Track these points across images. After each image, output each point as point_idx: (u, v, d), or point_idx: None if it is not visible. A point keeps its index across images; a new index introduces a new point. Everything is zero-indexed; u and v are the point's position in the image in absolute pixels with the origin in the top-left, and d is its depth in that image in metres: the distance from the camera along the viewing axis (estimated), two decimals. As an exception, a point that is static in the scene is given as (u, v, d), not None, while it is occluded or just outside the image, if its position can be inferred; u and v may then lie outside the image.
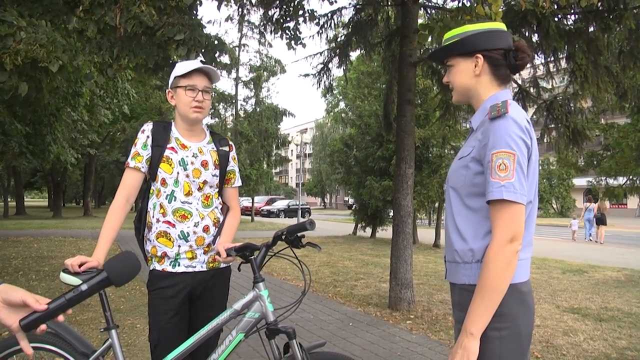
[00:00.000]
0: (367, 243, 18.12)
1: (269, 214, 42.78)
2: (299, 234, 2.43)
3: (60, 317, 1.57)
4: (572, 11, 6.29)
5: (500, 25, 2.04)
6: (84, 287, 1.67)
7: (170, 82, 2.74)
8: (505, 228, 1.80)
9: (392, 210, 16.66)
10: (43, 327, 1.51)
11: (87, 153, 25.53)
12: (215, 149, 2.79)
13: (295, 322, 6.16)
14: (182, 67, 2.68)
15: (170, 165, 2.63)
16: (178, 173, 2.63)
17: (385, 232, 19.25)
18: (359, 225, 20.93)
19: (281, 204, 45.89)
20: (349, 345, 5.41)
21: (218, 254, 2.57)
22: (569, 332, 6.20)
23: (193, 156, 2.68)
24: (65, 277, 2.34)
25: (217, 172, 2.74)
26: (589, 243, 21.77)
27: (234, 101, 30.40)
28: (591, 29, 6.25)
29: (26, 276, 9.04)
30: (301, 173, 41.80)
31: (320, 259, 12.69)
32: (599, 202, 21.93)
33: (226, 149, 2.83)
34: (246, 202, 40.01)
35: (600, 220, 21.82)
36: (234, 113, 30.40)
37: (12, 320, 1.44)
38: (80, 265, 2.34)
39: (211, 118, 30.51)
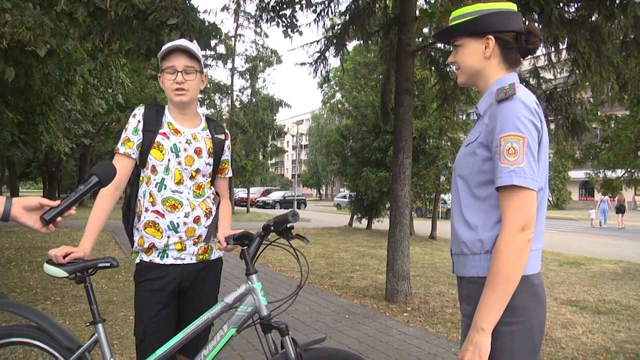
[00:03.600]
0: (363, 234, 18.05)
1: (265, 205, 42.67)
2: (287, 225, 2.32)
3: (72, 210, 1.89)
4: (575, -2, 6.18)
5: (512, 6, 1.93)
6: (81, 187, 1.92)
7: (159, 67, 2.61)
8: (516, 216, 1.70)
9: (388, 202, 16.66)
10: (59, 219, 1.86)
11: (81, 143, 25.32)
12: (210, 136, 2.65)
13: (290, 314, 6.07)
14: (162, 49, 2.54)
15: (161, 151, 2.49)
16: (169, 160, 2.50)
17: (381, 223, 19.19)
18: (355, 216, 20.86)
19: (277, 195, 45.81)
20: (346, 338, 5.32)
21: (219, 242, 2.49)
22: (567, 325, 6.13)
23: (186, 142, 2.54)
24: (49, 269, 2.23)
25: (210, 160, 2.61)
26: (603, 228, 26.14)
27: (229, 92, 30.21)
28: (594, 17, 6.14)
29: (19, 267, 8.93)
30: (297, 164, 41.72)
31: (316, 250, 12.61)
32: (618, 195, 25.45)
33: (222, 136, 2.69)
34: (242, 193, 39.99)
35: (619, 210, 26.53)
36: (230, 104, 30.24)
37: (33, 221, 1.82)
38: (65, 256, 2.24)
39: (207, 108, 30.38)
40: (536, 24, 6.22)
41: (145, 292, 2.46)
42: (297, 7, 8.30)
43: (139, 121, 2.54)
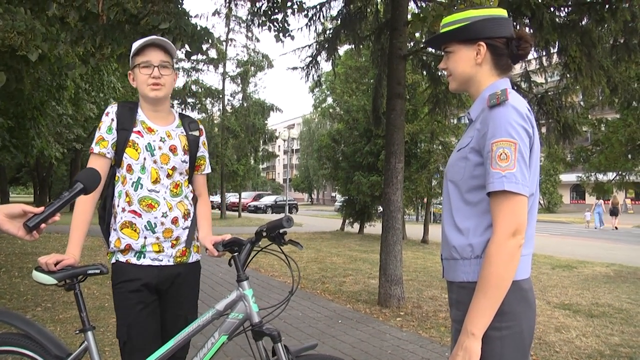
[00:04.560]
0: (355, 239, 18.04)
1: (256, 209, 42.62)
2: (280, 231, 2.31)
3: (56, 217, 1.85)
4: (566, 3, 6.20)
5: (503, 12, 1.94)
6: (66, 193, 1.89)
7: (130, 63, 2.57)
8: (507, 221, 1.70)
9: (380, 206, 16.60)
10: (43, 226, 1.83)
11: (73, 148, 25.23)
12: (184, 133, 2.61)
13: (283, 319, 6.04)
14: (135, 44, 2.50)
15: (137, 150, 2.45)
16: (145, 159, 2.46)
17: (373, 227, 19.18)
18: (347, 221, 20.84)
19: (268, 199, 45.78)
20: (339, 343, 5.30)
21: (206, 249, 2.47)
22: (560, 329, 6.13)
23: (160, 140, 2.51)
24: (38, 276, 2.21)
25: (186, 157, 2.57)
26: (599, 230, 27.32)
27: (221, 96, 30.16)
28: (585, 21, 6.18)
29: (8, 273, 8.84)
30: (288, 169, 41.71)
31: (308, 255, 12.58)
32: (612, 198, 27.60)
33: (196, 133, 2.66)
34: (233, 197, 39.88)
35: (613, 212, 28.57)
36: (221, 108, 30.19)
37: (16, 228, 1.80)
38: (56, 264, 2.21)
39: (198, 113, 30.32)
40: (527, 29, 6.25)
41: (124, 293, 2.43)
42: (289, 11, 8.30)
43: (112, 119, 2.50)
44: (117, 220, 2.46)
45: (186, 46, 5.32)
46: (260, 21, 8.48)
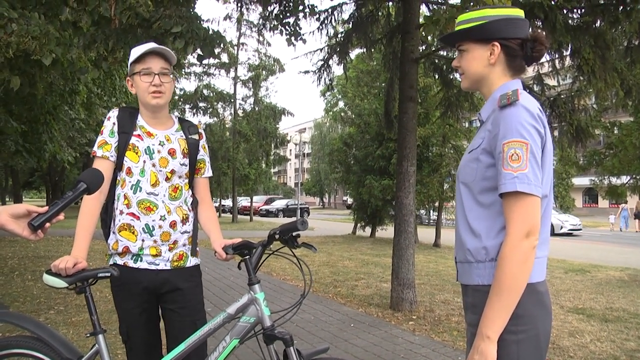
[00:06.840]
0: (366, 242, 18.00)
1: (268, 213, 42.59)
2: (293, 234, 2.29)
3: (60, 216, 1.83)
4: (580, 4, 6.16)
5: (519, 13, 1.92)
6: (69, 193, 1.88)
7: (129, 70, 2.58)
8: (520, 222, 1.68)
9: (392, 210, 16.55)
10: (47, 225, 1.81)
11: (85, 152, 25.36)
12: (184, 137, 2.63)
13: (295, 323, 6.02)
14: (135, 51, 2.51)
15: (137, 153, 2.48)
16: (144, 162, 2.48)
17: (385, 231, 19.13)
18: (359, 224, 20.80)
19: (280, 203, 45.75)
20: (351, 346, 5.28)
21: (214, 252, 2.46)
22: (574, 333, 6.07)
23: (159, 144, 2.53)
24: (49, 279, 2.22)
25: (185, 161, 2.59)
26: (622, 233, 28.88)
27: (232, 100, 30.27)
28: (598, 23, 6.13)
29: (22, 276, 8.90)
30: (300, 173, 41.72)
31: (319, 259, 12.56)
32: (637, 202, 28.24)
33: (196, 137, 2.68)
34: (245, 201, 39.93)
35: (638, 215, 28.77)
36: (233, 112, 30.30)
37: (21, 228, 1.77)
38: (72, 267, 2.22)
39: (209, 117, 30.44)
40: (540, 30, 6.21)
41: (121, 295, 2.49)
42: (301, 15, 8.31)
43: (114, 123, 2.53)
44: (116, 222, 2.48)
45: (198, 50, 5.34)
46: (272, 25, 8.49)
